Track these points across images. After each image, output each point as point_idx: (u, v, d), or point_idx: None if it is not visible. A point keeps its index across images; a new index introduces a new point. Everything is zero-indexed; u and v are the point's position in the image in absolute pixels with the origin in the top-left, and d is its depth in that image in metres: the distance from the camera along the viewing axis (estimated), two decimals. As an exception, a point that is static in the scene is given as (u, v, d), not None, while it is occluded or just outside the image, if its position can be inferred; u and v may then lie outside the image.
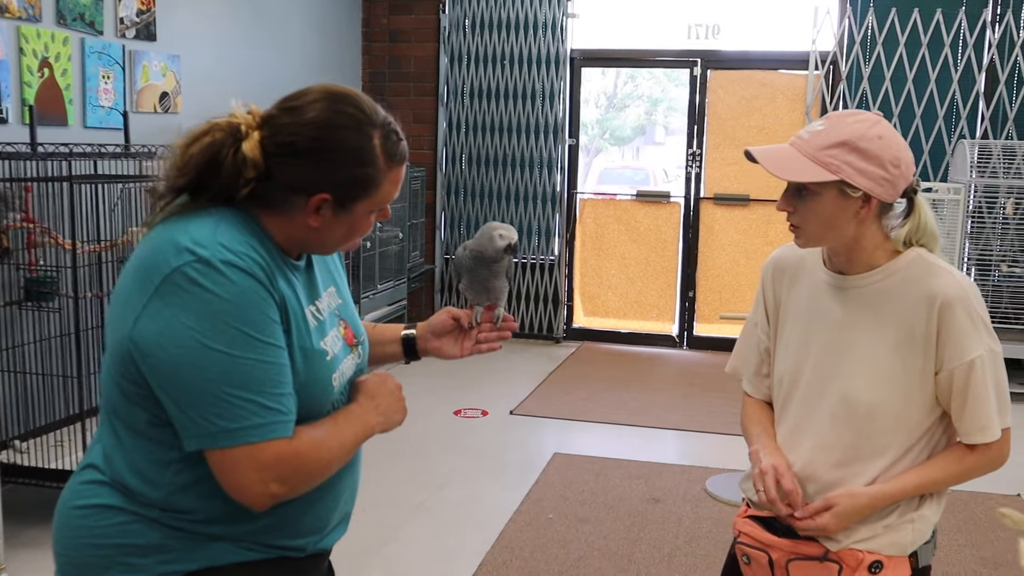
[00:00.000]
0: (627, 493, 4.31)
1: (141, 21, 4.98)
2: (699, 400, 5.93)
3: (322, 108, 1.45)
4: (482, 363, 6.52)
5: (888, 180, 1.66)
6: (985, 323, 1.69)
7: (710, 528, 3.95)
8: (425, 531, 3.88)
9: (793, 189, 1.70)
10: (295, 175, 1.44)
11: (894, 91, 6.69)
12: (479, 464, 4.69)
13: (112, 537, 1.44)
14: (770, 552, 1.77)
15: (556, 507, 4.13)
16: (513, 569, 3.53)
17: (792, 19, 6.92)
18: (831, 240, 1.72)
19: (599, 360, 6.96)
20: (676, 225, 7.35)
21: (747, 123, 7.10)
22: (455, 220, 7.56)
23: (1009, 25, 6.53)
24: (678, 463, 4.76)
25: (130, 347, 1.37)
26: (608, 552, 3.70)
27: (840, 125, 1.67)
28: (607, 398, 5.93)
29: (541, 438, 5.17)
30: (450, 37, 7.35)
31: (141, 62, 4.97)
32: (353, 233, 1.53)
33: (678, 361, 7.05)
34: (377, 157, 1.47)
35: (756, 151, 1.69)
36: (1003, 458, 1.74)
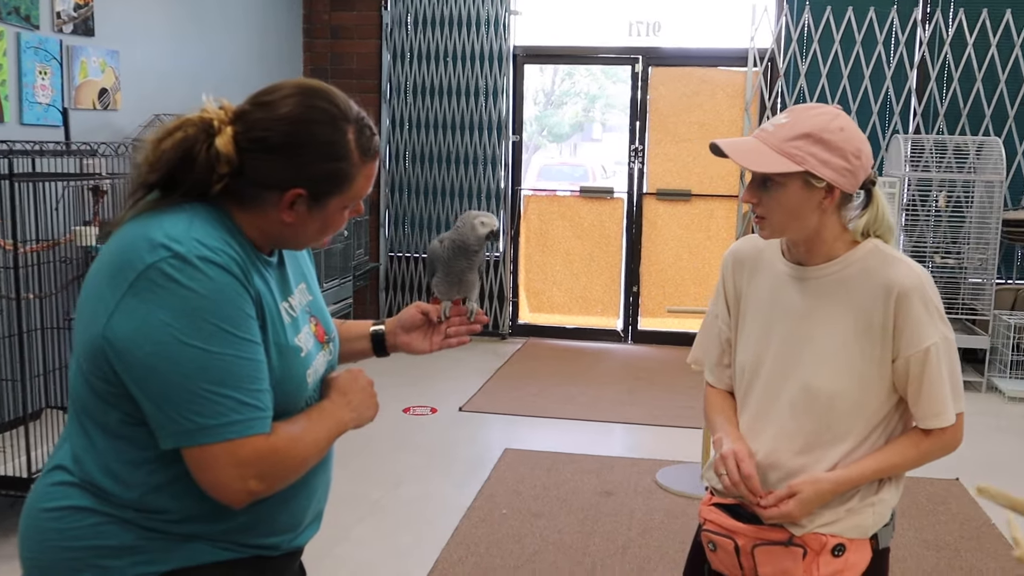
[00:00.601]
0: (579, 487, 4.35)
1: (79, 16, 4.87)
2: (646, 394, 6.00)
3: (295, 103, 1.44)
4: (429, 361, 6.51)
5: (850, 171, 1.71)
6: (939, 312, 1.74)
7: (662, 519, 4.00)
8: (379, 529, 3.87)
9: (758, 181, 1.73)
10: (269, 170, 1.43)
11: (830, 87, 6.83)
12: (431, 461, 4.69)
13: (84, 539, 1.42)
14: (736, 538, 1.81)
15: (509, 502, 4.15)
16: (468, 565, 3.54)
17: (731, 17, 7.03)
18: (795, 231, 1.76)
19: (546, 356, 7.00)
20: (619, 221, 7.41)
21: (688, 119, 7.19)
22: (399, 218, 7.53)
23: (939, 23, 6.71)
24: (628, 456, 4.81)
25: (103, 345, 1.36)
26: (562, 546, 3.73)
27: (803, 118, 1.71)
28: (555, 393, 5.96)
29: (491, 434, 5.18)
30: (392, 33, 7.32)
31: (79, 57, 4.86)
32: (327, 228, 1.53)
33: (624, 355, 7.11)
34: (351, 152, 1.47)
35: (723, 144, 1.72)
36: (957, 442, 1.79)
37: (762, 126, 1.76)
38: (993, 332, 6.24)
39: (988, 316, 6.27)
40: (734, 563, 1.82)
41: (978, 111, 6.73)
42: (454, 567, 3.52)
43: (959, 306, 6.38)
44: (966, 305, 6.41)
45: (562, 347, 7.29)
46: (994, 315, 6.27)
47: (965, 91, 6.72)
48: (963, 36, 6.68)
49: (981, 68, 6.67)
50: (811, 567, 1.74)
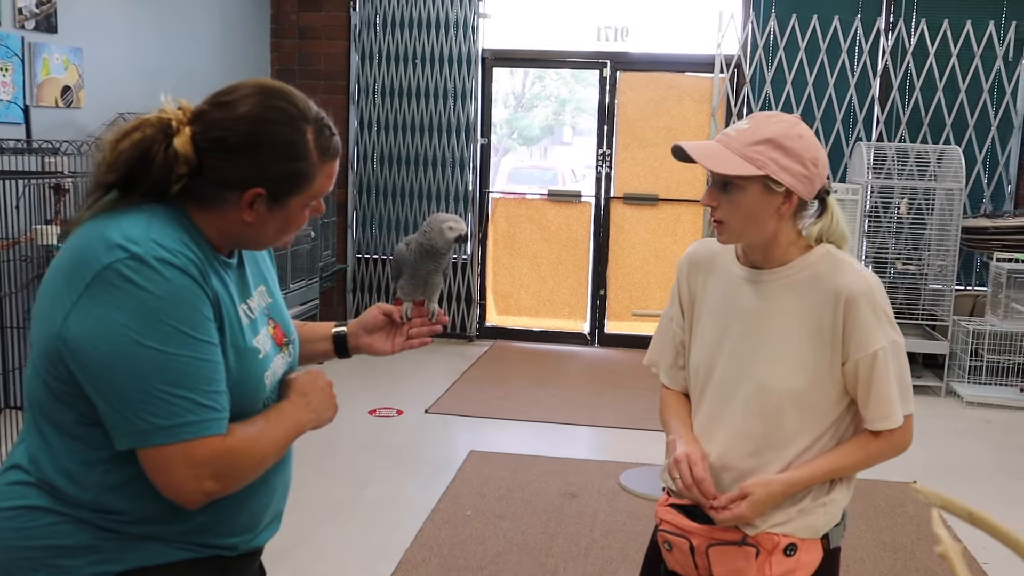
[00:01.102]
0: (543, 489, 4.37)
1: (41, 12, 4.83)
2: (611, 397, 6.03)
3: (254, 103, 1.45)
4: (395, 361, 6.50)
5: (807, 177, 1.74)
6: (888, 317, 1.78)
7: (625, 521, 4.03)
8: (344, 530, 3.86)
9: (719, 184, 1.76)
10: (228, 170, 1.44)
11: (795, 94, 6.90)
12: (396, 463, 4.69)
13: (40, 539, 1.42)
14: (691, 538, 1.83)
15: (474, 504, 4.16)
16: (432, 566, 3.55)
17: (698, 23, 7.08)
18: (752, 235, 1.79)
19: (512, 358, 7.02)
20: (587, 224, 7.45)
21: (655, 124, 7.24)
22: (367, 219, 7.52)
23: (901, 33, 6.80)
24: (593, 458, 4.84)
25: (59, 345, 1.36)
26: (526, 547, 3.74)
27: (765, 124, 1.75)
28: (521, 396, 5.98)
29: (457, 436, 5.19)
30: (361, 35, 7.31)
31: (41, 54, 4.82)
32: (288, 227, 1.53)
33: (590, 358, 7.15)
34: (310, 151, 1.47)
35: (687, 146, 1.75)
36: (906, 444, 1.83)
37: (724, 131, 1.79)
38: (952, 337, 6.33)
39: (947, 322, 6.37)
40: (689, 563, 1.85)
41: (939, 120, 6.83)
42: (418, 568, 3.53)
43: (919, 312, 6.48)
44: (926, 311, 6.50)
45: (529, 350, 7.32)
46: (953, 321, 6.36)
47: (927, 100, 6.82)
48: (925, 46, 6.77)
49: (942, 77, 6.77)
50: (764, 566, 1.77)
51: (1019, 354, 6.18)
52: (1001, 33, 6.72)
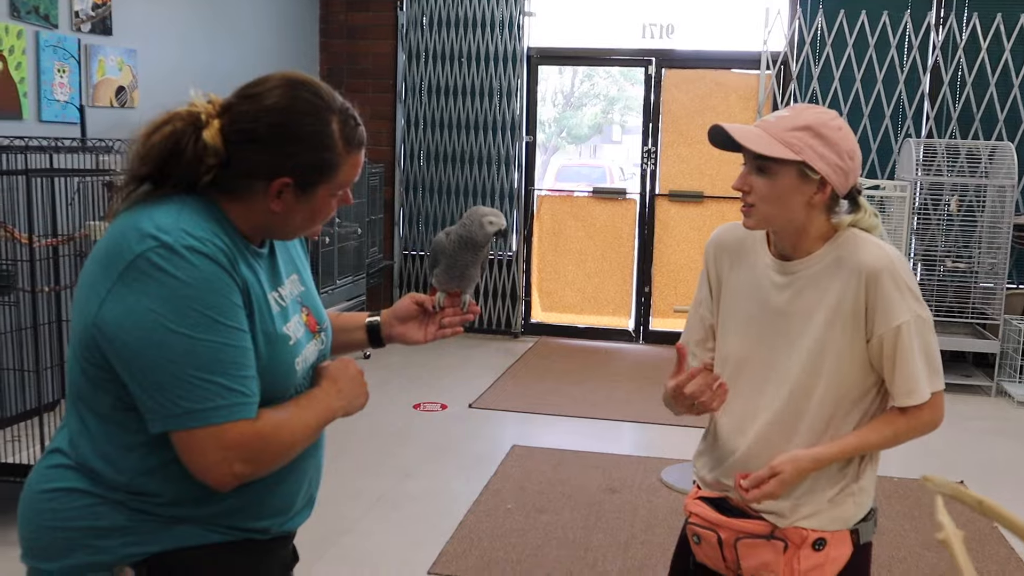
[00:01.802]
0: (584, 483, 4.36)
1: (96, 15, 4.94)
2: (654, 393, 5.99)
3: (280, 95, 1.47)
4: (440, 357, 6.55)
5: (843, 169, 1.73)
6: (912, 290, 1.74)
7: (665, 516, 4.01)
8: (386, 521, 3.90)
9: (754, 167, 1.75)
10: (256, 161, 1.46)
11: (843, 91, 6.81)
12: (439, 456, 4.72)
13: (77, 520, 1.46)
14: (719, 531, 1.82)
15: (515, 498, 4.17)
16: (472, 558, 3.57)
17: (744, 20, 7.02)
18: (780, 222, 1.77)
19: (557, 354, 7.02)
20: (632, 221, 7.42)
21: (701, 121, 7.19)
22: (413, 216, 7.57)
23: (952, 28, 6.68)
24: (634, 454, 4.82)
25: (94, 332, 1.39)
26: (566, 541, 3.75)
27: (804, 112, 1.74)
28: (565, 391, 5.98)
29: (500, 431, 5.21)
30: (408, 34, 7.36)
31: (97, 56, 4.93)
32: (315, 217, 1.55)
33: (634, 355, 7.12)
34: (336, 142, 1.49)
35: (727, 126, 1.74)
36: (935, 422, 1.78)
37: (764, 118, 1.78)
38: (1003, 337, 6.21)
39: (998, 320, 6.24)
40: (718, 556, 1.84)
41: (991, 116, 6.70)
42: (458, 559, 3.55)
43: (970, 310, 6.36)
44: (976, 309, 6.38)
45: (573, 346, 7.31)
46: (1004, 319, 6.23)
47: (978, 95, 6.70)
48: (976, 41, 6.65)
49: (995, 73, 6.64)
50: (792, 561, 1.75)
51: (1072, 353, 6.04)
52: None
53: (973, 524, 4.02)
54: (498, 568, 3.49)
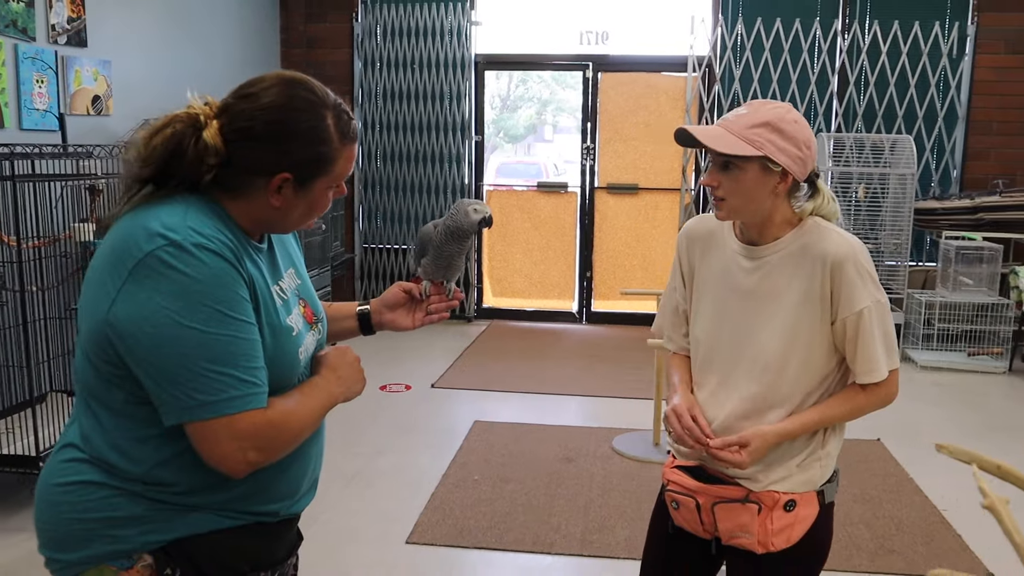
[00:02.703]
0: (543, 454, 4.34)
1: (72, 28, 4.75)
2: (600, 368, 6.00)
3: (277, 93, 1.40)
4: (402, 341, 6.47)
5: (801, 159, 1.71)
6: (872, 277, 1.74)
7: (619, 481, 4.00)
8: (362, 498, 3.82)
9: (720, 164, 1.72)
10: (255, 158, 1.39)
11: (761, 91, 6.86)
12: (407, 434, 4.65)
13: (96, 511, 1.38)
14: (697, 497, 1.80)
15: (480, 469, 4.13)
16: (446, 527, 3.52)
17: (672, 27, 7.02)
18: (750, 213, 1.74)
19: (508, 336, 6.98)
20: (573, 212, 7.40)
21: (634, 120, 7.19)
22: (372, 212, 7.46)
23: (856, 34, 6.77)
24: (586, 425, 4.81)
25: (107, 330, 1.31)
26: (530, 508, 3.71)
27: (761, 109, 1.71)
28: (519, 369, 5.95)
29: (462, 408, 5.15)
30: (363, 43, 7.22)
31: (73, 67, 4.74)
32: (313, 210, 1.48)
33: (579, 335, 7.11)
34: (331, 136, 1.43)
35: (692, 129, 1.71)
36: (891, 396, 1.78)
37: (724, 116, 1.75)
38: (907, 308, 6.33)
39: (903, 294, 6.36)
40: (695, 520, 1.82)
41: (892, 112, 6.81)
42: (433, 529, 3.50)
43: (877, 286, 6.45)
44: (883, 285, 6.48)
45: (523, 328, 7.28)
46: (908, 293, 6.36)
47: (880, 94, 6.80)
48: (878, 45, 6.75)
49: (894, 73, 6.75)
50: (765, 521, 1.74)
51: (967, 322, 6.18)
52: (946, 33, 6.69)
53: (891, 479, 4.08)
54: (471, 535, 3.45)
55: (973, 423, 4.96)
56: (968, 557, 3.36)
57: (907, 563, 3.30)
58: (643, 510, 3.69)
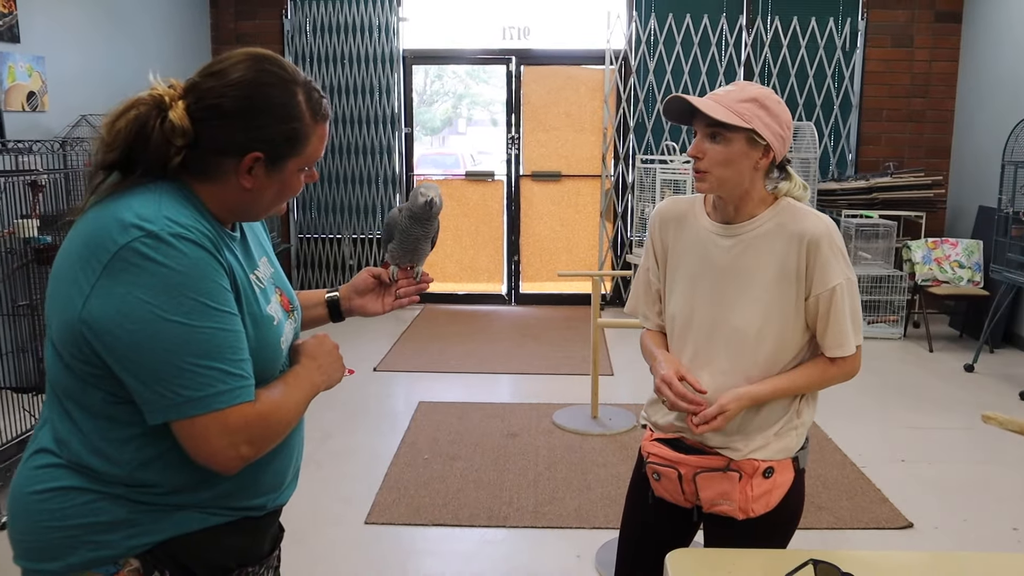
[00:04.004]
0: (488, 431, 4.25)
1: (3, 23, 4.42)
2: (533, 347, 5.95)
3: (245, 68, 1.27)
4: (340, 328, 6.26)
5: (783, 138, 1.67)
6: (844, 256, 1.70)
7: (563, 453, 3.95)
8: (316, 481, 3.68)
9: (707, 135, 1.67)
10: (225, 137, 1.25)
11: (674, 82, 6.88)
12: (354, 417, 4.51)
13: (77, 517, 1.24)
14: (679, 468, 1.74)
15: (430, 448, 4.02)
16: (403, 506, 3.41)
17: (590, 22, 6.97)
18: (730, 187, 1.69)
19: (443, 319, 6.87)
20: (500, 199, 7.31)
21: (556, 111, 7.13)
22: (307, 203, 7.22)
23: (759, 29, 6.84)
24: (526, 402, 4.74)
25: (82, 328, 1.17)
26: (481, 483, 3.63)
27: (748, 88, 1.67)
28: (456, 351, 5.84)
29: (405, 389, 5.02)
30: (294, 39, 6.97)
31: (6, 63, 4.42)
32: (284, 193, 1.35)
33: (509, 316, 7.04)
34: (303, 112, 1.29)
35: (690, 98, 1.64)
36: (856, 369, 1.75)
37: (712, 92, 1.69)
38: (812, 282, 6.43)
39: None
40: (677, 490, 1.76)
41: (793, 100, 6.91)
42: (390, 508, 3.38)
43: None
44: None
45: (456, 311, 7.17)
46: (812, 268, 6.46)
47: (783, 84, 6.89)
48: (779, 39, 6.83)
49: (794, 65, 6.84)
50: (745, 488, 1.69)
51: (865, 293, 6.33)
52: (839, 28, 6.82)
53: (812, 439, 4.13)
54: (427, 512, 3.35)
55: (873, 384, 5.08)
56: (888, 508, 3.42)
57: (835, 518, 3.33)
58: (588, 480, 3.65)
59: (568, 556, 3.05)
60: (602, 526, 3.23)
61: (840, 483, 3.65)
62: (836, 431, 4.26)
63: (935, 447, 4.11)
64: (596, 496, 3.49)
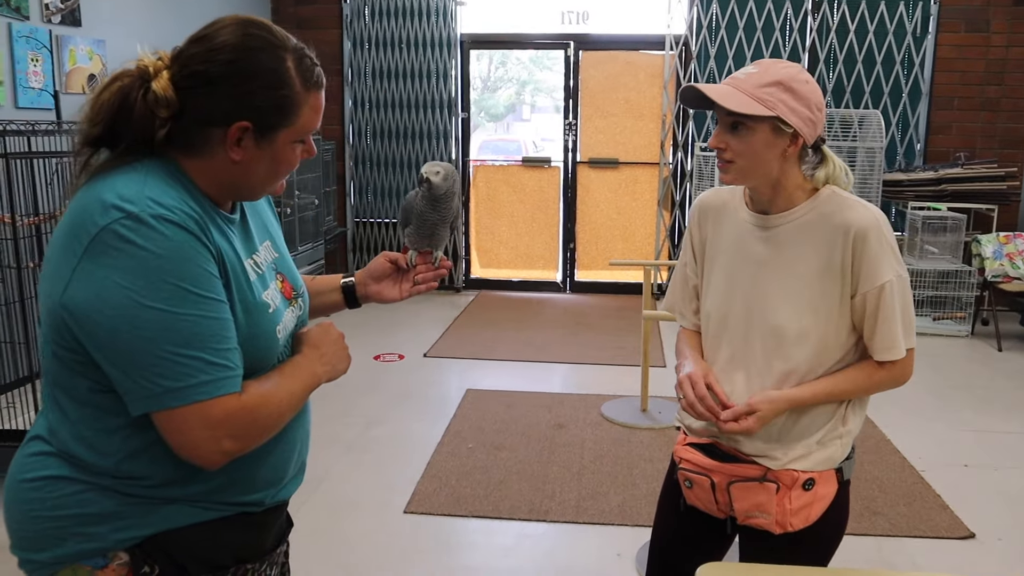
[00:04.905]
0: (535, 421, 4.16)
1: (66, 7, 4.47)
2: (586, 336, 5.83)
3: (231, 32, 1.18)
4: (394, 312, 6.27)
5: (813, 122, 1.51)
6: (894, 251, 1.53)
7: (609, 447, 3.84)
8: (360, 466, 3.63)
9: (728, 125, 1.51)
10: (210, 105, 1.17)
11: (735, 68, 6.63)
12: (401, 403, 4.45)
13: (66, 508, 1.18)
14: (712, 476, 1.60)
15: (474, 437, 3.95)
16: (443, 496, 3.33)
17: (650, 6, 6.77)
18: (758, 177, 1.54)
19: (496, 305, 6.78)
20: (557, 186, 7.17)
21: (614, 97, 6.96)
22: (363, 187, 7.20)
23: (825, 13, 6.56)
24: (576, 392, 4.63)
25: (63, 314, 1.10)
26: (525, 474, 3.54)
27: (773, 68, 1.50)
28: (507, 338, 5.75)
29: (454, 376, 4.94)
30: (352, 23, 6.93)
31: (68, 46, 4.47)
32: (279, 167, 1.24)
33: (563, 303, 6.92)
34: (293, 79, 1.19)
35: (702, 87, 1.49)
36: (907, 375, 1.58)
37: (733, 75, 1.53)
38: (875, 276, 6.17)
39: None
40: (710, 499, 1.62)
41: (859, 88, 6.62)
42: (430, 498, 3.32)
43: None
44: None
45: (510, 297, 7.08)
46: (876, 261, 6.20)
47: (848, 71, 6.61)
48: (846, 24, 6.54)
49: (861, 51, 6.55)
50: (783, 501, 1.54)
51: (932, 288, 6.05)
52: (910, 12, 6.50)
53: (869, 440, 3.94)
54: (467, 504, 3.27)
55: (936, 383, 4.83)
56: (948, 516, 3.22)
57: (891, 524, 3.15)
58: (634, 475, 3.53)
59: (608, 554, 2.94)
60: (645, 524, 3.11)
61: (897, 487, 3.46)
62: (895, 431, 4.06)
63: (1001, 452, 3.88)
64: (641, 492, 3.37)
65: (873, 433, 4.01)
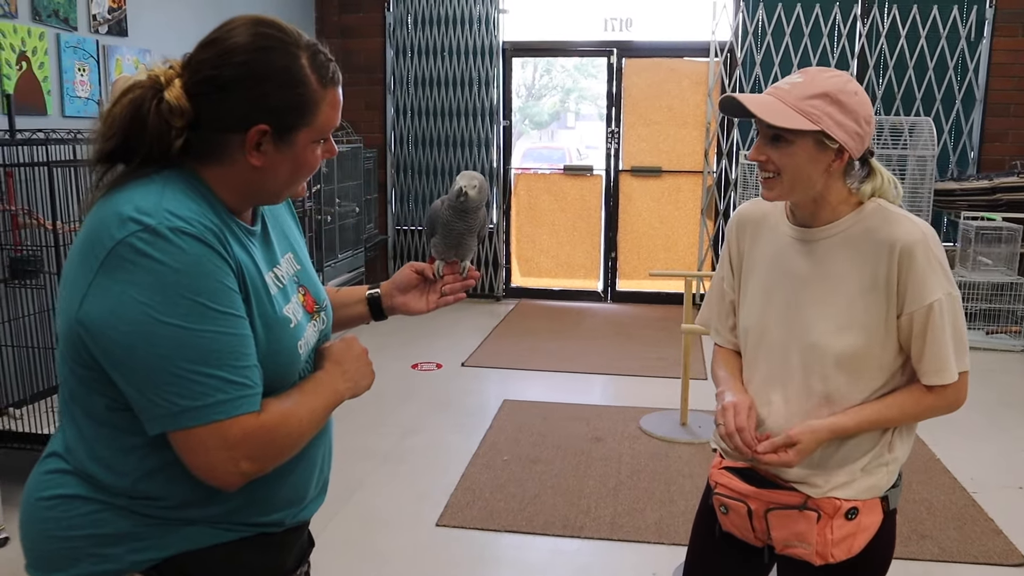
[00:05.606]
0: (572, 434, 4.09)
1: (112, 18, 4.52)
2: (626, 347, 5.74)
3: (241, 33, 1.14)
4: (433, 320, 6.25)
5: (860, 136, 1.42)
6: (944, 268, 1.44)
7: (647, 462, 3.75)
8: (393, 476, 3.60)
9: (768, 138, 1.43)
10: (226, 111, 1.13)
11: (782, 75, 6.50)
12: (437, 413, 4.41)
13: (81, 528, 1.15)
14: (748, 502, 1.53)
15: (510, 449, 3.89)
16: (476, 509, 3.28)
17: (694, 12, 6.67)
18: (800, 192, 1.46)
19: (536, 315, 6.72)
20: (599, 195, 7.10)
21: (658, 104, 6.87)
22: (404, 195, 7.21)
23: (875, 18, 6.40)
24: (614, 404, 4.55)
25: (79, 329, 1.07)
26: (560, 489, 3.47)
27: (819, 78, 1.42)
28: (546, 348, 5.69)
29: (491, 387, 4.90)
30: (395, 32, 6.95)
31: (114, 56, 4.52)
32: (300, 170, 1.20)
33: (604, 313, 6.83)
34: (308, 77, 1.15)
35: (742, 98, 1.42)
36: (959, 401, 1.49)
37: (776, 84, 1.45)
38: (926, 288, 5.98)
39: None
40: (747, 526, 1.55)
41: (910, 95, 6.44)
42: (463, 510, 3.27)
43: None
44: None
45: (550, 307, 7.02)
46: (927, 273, 6.01)
47: (899, 77, 6.43)
48: (896, 29, 6.37)
49: (912, 57, 6.37)
50: (825, 530, 1.46)
51: (985, 301, 5.85)
52: (964, 16, 6.31)
53: (919, 459, 3.80)
54: (500, 518, 3.21)
55: (988, 400, 4.65)
56: (1002, 541, 3.08)
57: (940, 549, 3.02)
58: (672, 492, 3.44)
59: (644, 573, 2.86)
60: (682, 543, 3.02)
61: (948, 510, 3.32)
62: (944, 450, 3.90)
63: (1059, 474, 3.71)
64: (678, 510, 3.28)
65: (922, 452, 3.86)
